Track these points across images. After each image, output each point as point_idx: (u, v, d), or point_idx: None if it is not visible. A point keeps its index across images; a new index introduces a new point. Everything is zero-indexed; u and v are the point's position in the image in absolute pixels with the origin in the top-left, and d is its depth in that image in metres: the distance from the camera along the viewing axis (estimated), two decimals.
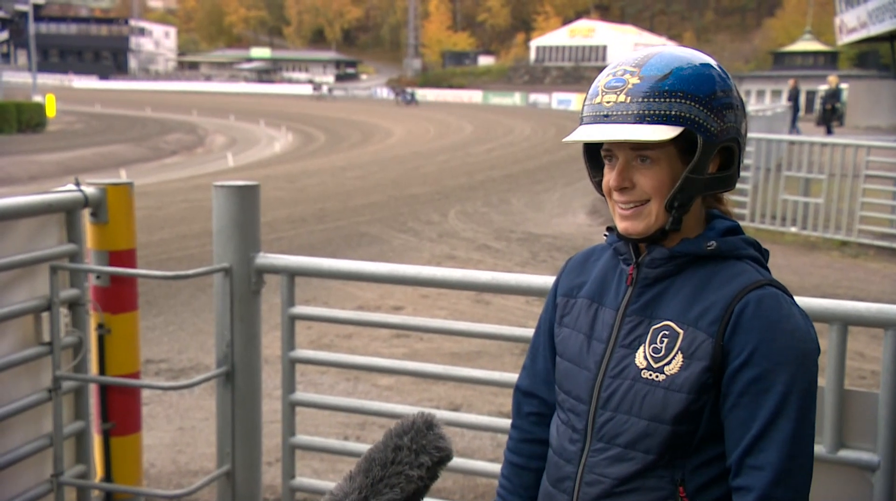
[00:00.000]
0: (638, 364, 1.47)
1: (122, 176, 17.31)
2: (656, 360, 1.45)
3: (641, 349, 1.48)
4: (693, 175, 1.44)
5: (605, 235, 1.60)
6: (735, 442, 1.41)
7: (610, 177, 1.49)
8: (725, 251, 1.48)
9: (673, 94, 1.41)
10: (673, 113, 1.41)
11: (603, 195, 1.54)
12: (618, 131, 1.43)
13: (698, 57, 1.48)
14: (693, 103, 1.42)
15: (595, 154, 1.57)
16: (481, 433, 4.75)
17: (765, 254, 1.54)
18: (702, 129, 1.42)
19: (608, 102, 1.45)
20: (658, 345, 1.46)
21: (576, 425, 1.54)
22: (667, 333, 1.46)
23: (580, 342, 1.57)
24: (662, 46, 1.54)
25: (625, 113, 1.43)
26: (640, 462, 1.46)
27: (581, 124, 1.49)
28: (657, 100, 1.41)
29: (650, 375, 1.45)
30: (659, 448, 1.45)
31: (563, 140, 1.53)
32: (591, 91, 1.49)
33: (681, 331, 1.45)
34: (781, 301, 1.43)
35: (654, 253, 1.50)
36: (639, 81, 1.43)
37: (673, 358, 1.44)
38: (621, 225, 1.51)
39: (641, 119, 1.42)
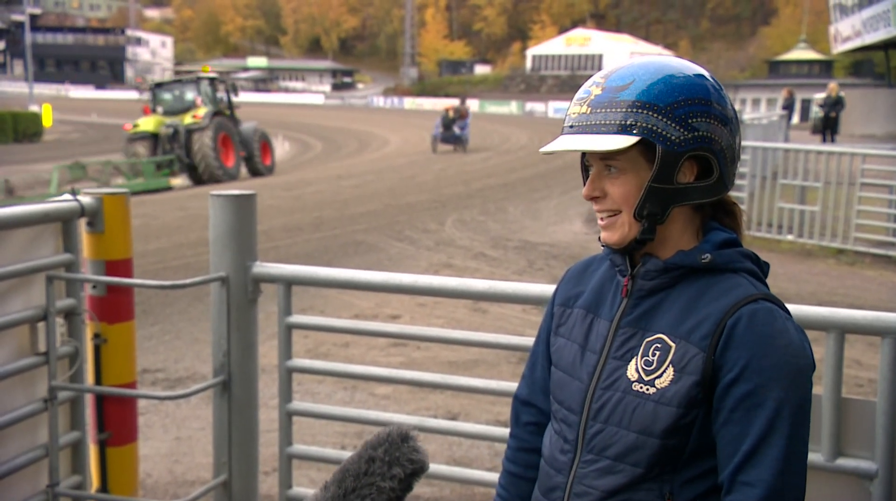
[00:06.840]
0: (629, 376, 1.46)
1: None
2: (648, 373, 1.44)
3: (634, 361, 1.47)
4: (657, 184, 1.43)
5: (603, 245, 1.59)
6: (727, 458, 1.40)
7: None
8: (721, 264, 1.46)
9: (630, 103, 1.42)
10: (628, 122, 1.41)
11: None
12: (574, 142, 1.45)
13: (672, 67, 1.46)
14: (651, 113, 1.41)
15: None
16: (479, 442, 4.74)
17: (764, 267, 1.52)
18: (660, 138, 1.41)
19: (574, 114, 1.47)
20: (650, 358, 1.45)
21: (567, 435, 1.54)
22: (659, 346, 1.45)
23: (574, 352, 1.57)
24: (643, 57, 1.53)
25: (584, 124, 1.45)
26: (629, 474, 1.45)
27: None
28: (613, 110, 1.42)
29: (641, 387, 1.44)
30: (648, 462, 1.44)
31: (541, 150, 1.55)
32: None
33: (673, 344, 1.44)
34: (776, 316, 1.41)
35: (649, 264, 1.49)
36: (601, 92, 1.45)
37: (664, 371, 1.43)
38: (601, 235, 1.52)
39: (598, 129, 1.43)
